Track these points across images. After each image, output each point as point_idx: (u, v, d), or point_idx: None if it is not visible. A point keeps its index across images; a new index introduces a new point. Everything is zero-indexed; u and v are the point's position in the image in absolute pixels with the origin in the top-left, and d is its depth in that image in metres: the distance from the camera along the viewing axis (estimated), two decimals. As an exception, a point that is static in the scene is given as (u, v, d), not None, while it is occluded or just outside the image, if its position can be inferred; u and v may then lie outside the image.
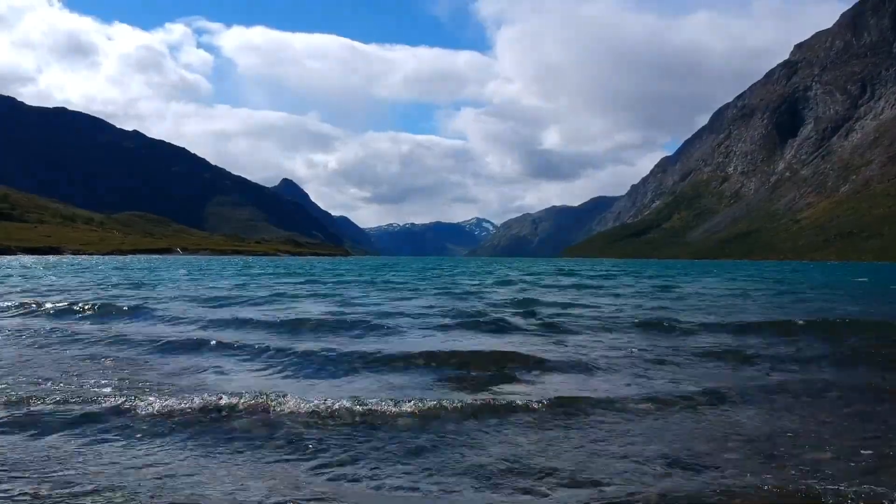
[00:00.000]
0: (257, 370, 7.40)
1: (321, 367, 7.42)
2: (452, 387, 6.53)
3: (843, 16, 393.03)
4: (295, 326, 10.94)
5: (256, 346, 8.53)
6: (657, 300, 18.95)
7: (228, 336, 9.63)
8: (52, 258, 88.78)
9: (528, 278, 35.36)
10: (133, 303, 14.55)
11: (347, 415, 5.12)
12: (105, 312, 12.71)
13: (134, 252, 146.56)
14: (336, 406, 5.26)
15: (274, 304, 15.99)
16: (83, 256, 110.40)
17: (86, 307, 13.12)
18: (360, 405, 5.30)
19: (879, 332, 10.30)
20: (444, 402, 5.41)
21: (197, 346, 8.68)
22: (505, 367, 7.36)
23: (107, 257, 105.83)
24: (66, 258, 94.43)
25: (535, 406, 5.41)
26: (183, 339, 9.21)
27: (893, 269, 78.62)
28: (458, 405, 5.37)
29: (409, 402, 5.39)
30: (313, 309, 14.48)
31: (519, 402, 5.59)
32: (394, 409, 5.23)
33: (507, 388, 6.48)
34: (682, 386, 6.41)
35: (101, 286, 22.39)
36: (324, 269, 50.90)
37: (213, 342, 8.89)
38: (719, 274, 49.07)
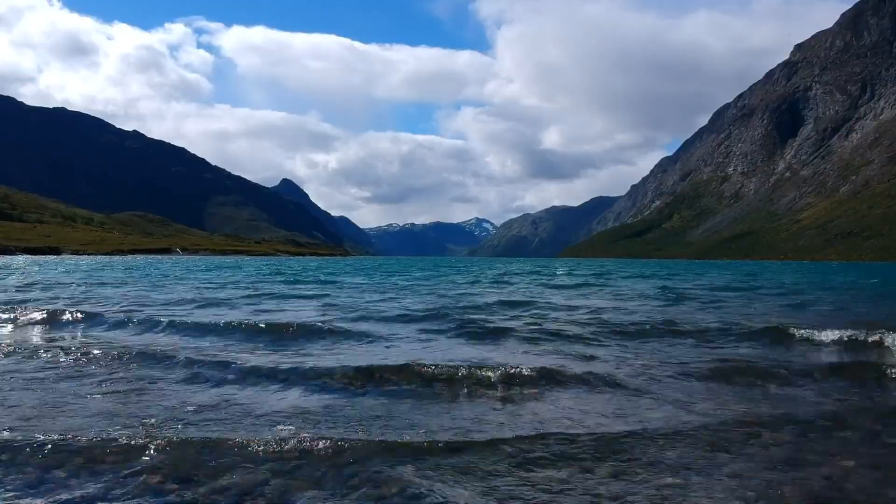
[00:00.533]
0: (193, 390, 6.17)
1: (282, 385, 6.30)
2: (440, 412, 5.36)
3: (843, 16, 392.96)
4: (263, 332, 9.81)
5: (205, 359, 7.38)
6: (662, 300, 18.33)
7: (172, 342, 8.81)
8: (50, 258, 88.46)
9: (527, 278, 35.03)
10: (84, 307, 13.85)
11: (288, 458, 3.99)
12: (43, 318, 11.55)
13: (133, 252, 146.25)
14: (278, 438, 4.25)
15: (252, 306, 15.12)
16: (82, 256, 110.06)
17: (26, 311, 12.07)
18: (305, 442, 4.18)
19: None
20: (432, 439, 4.35)
21: (126, 358, 7.47)
22: (504, 382, 6.31)
23: (106, 257, 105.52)
24: (58, 259, 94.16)
25: (560, 446, 4.25)
26: (120, 346, 8.06)
27: None
28: (447, 443, 4.28)
29: (382, 435, 4.40)
30: (291, 312, 13.59)
31: (531, 434, 4.45)
32: (342, 441, 4.20)
33: (512, 414, 5.35)
34: (724, 411, 5.40)
35: (77, 286, 21.62)
36: (317, 269, 50.43)
37: (155, 350, 7.86)
38: (722, 273, 48.66)
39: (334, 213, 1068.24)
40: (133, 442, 4.16)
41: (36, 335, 9.95)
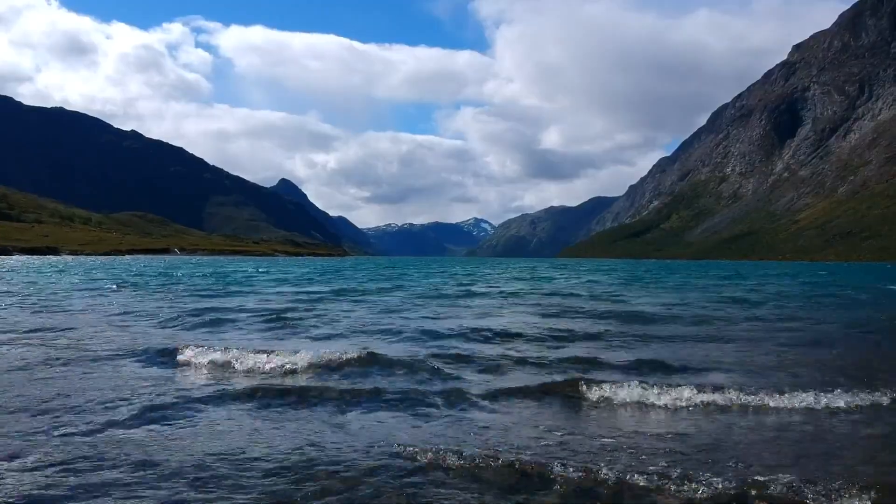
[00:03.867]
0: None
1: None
2: None
3: (841, 16, 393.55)
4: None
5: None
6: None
7: None
8: (53, 258, 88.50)
9: (524, 286, 33.45)
10: None
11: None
12: None
13: (132, 252, 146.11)
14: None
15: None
16: (81, 257, 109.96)
17: None
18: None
19: None
20: None
21: None
22: None
23: (104, 257, 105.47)
24: (52, 259, 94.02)
25: None
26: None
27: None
28: None
29: None
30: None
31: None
32: None
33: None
34: None
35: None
36: (289, 270, 49.99)
37: None
38: (737, 277, 46.23)
39: (333, 213, 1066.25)
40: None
41: None
